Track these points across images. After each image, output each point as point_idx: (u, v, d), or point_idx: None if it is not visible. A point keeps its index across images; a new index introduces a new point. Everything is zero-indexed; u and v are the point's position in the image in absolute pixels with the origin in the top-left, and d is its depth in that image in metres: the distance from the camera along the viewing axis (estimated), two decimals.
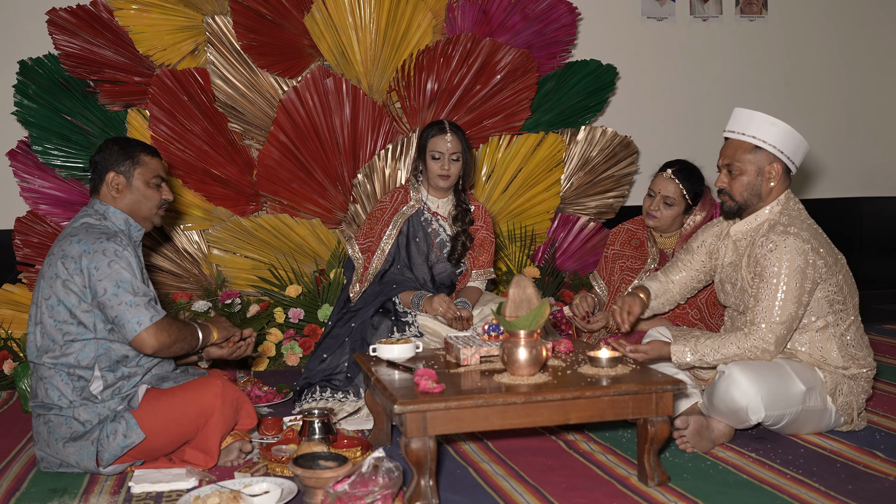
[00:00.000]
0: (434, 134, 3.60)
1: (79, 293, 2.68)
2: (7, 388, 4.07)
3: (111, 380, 2.73)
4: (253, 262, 4.65)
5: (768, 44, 5.75)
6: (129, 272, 2.68)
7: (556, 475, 2.68)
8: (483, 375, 2.66)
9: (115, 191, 2.84)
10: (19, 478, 2.79)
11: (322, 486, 2.40)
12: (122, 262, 2.68)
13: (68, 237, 2.74)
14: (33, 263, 4.41)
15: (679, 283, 3.26)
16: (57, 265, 2.70)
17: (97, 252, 2.67)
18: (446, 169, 3.58)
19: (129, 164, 2.85)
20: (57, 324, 2.70)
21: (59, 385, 2.70)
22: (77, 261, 2.67)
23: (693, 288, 3.27)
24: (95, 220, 2.82)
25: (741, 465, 2.74)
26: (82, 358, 2.70)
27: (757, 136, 2.91)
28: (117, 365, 2.74)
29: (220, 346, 3.04)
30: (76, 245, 2.69)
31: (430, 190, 3.70)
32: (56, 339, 2.71)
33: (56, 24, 4.32)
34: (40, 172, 4.43)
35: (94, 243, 2.69)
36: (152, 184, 2.88)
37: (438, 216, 3.70)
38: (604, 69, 5.01)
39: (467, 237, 3.66)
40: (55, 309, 2.70)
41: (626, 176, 5.12)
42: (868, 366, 2.97)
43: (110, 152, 2.86)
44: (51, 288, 2.71)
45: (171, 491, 2.61)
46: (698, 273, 3.23)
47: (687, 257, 3.25)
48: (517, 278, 2.65)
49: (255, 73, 4.51)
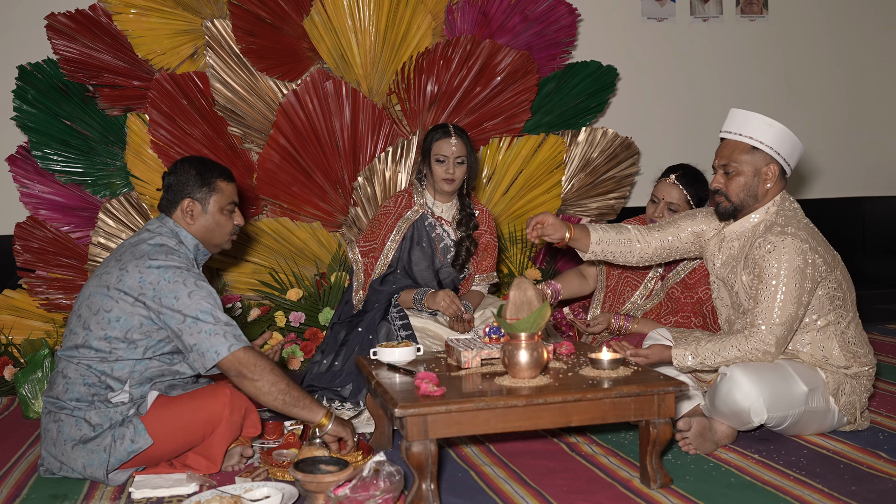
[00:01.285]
0: (438, 137, 3.58)
1: (144, 317, 2.64)
2: (8, 394, 4.06)
3: (136, 396, 2.71)
4: (253, 266, 4.64)
5: (769, 44, 5.74)
6: (209, 302, 2.63)
7: (557, 478, 2.67)
8: (484, 378, 2.65)
9: (190, 217, 2.81)
10: (20, 484, 2.79)
11: (323, 490, 2.39)
12: (202, 292, 2.64)
13: (146, 258, 2.67)
14: (33, 269, 4.40)
15: (643, 242, 3.13)
16: (129, 283, 2.64)
17: (178, 282, 2.63)
18: (451, 172, 3.56)
19: (206, 191, 2.81)
20: (107, 338, 2.66)
21: (79, 386, 2.67)
22: (155, 286, 2.62)
23: (663, 256, 3.16)
24: (173, 243, 2.77)
25: (744, 467, 2.73)
26: (117, 368, 2.67)
27: (754, 136, 2.90)
28: (147, 382, 2.71)
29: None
30: (156, 271, 2.64)
31: (434, 194, 3.67)
32: (101, 348, 2.67)
33: (55, 29, 4.32)
34: (40, 177, 4.43)
35: (175, 272, 2.64)
36: (226, 211, 2.85)
37: (443, 221, 3.67)
38: (604, 70, 5.01)
39: (472, 242, 3.63)
40: (112, 324, 2.65)
41: (628, 177, 5.11)
42: (870, 363, 2.96)
43: (187, 176, 2.81)
44: (114, 302, 2.65)
45: (171, 496, 2.60)
46: (676, 244, 3.13)
47: (672, 227, 3.16)
48: (518, 280, 2.65)
49: (255, 77, 4.51)
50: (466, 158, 3.58)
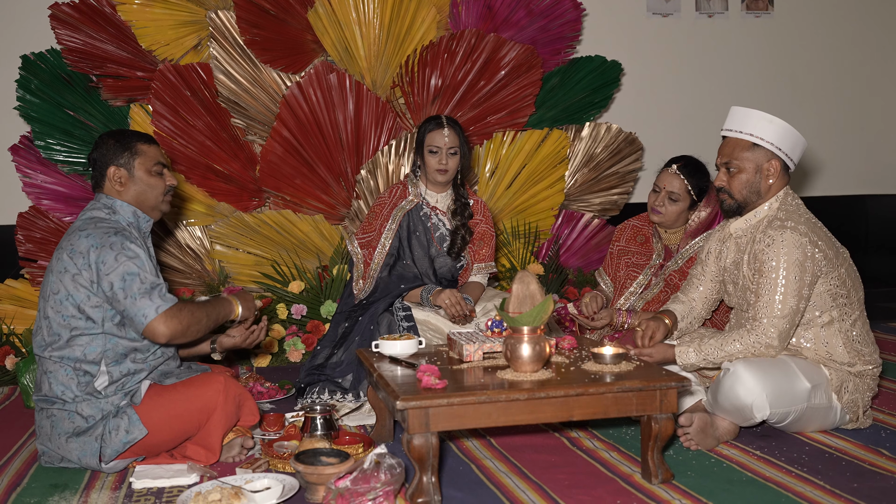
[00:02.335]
0: (431, 129, 3.61)
1: (88, 288, 2.67)
2: (9, 384, 4.06)
3: (116, 375, 2.71)
4: (256, 258, 4.64)
5: (774, 40, 5.72)
6: (137, 264, 2.65)
7: (559, 472, 2.67)
8: (486, 372, 2.65)
9: (119, 184, 2.83)
10: (20, 473, 2.78)
11: (324, 482, 2.39)
12: (129, 254, 2.65)
13: (77, 231, 2.72)
14: (35, 259, 4.40)
15: (700, 299, 3.20)
16: (65, 259, 2.69)
17: (105, 246, 2.65)
18: (444, 163, 3.58)
19: (129, 156, 2.83)
20: (64, 318, 2.69)
21: (63, 379, 2.69)
22: (85, 255, 2.65)
23: (714, 300, 3.21)
24: (104, 213, 2.80)
25: (746, 463, 2.72)
26: (89, 352, 2.69)
27: (754, 133, 2.90)
28: (123, 359, 2.72)
29: (232, 335, 3.03)
30: (84, 240, 2.68)
31: (428, 185, 3.70)
32: (62, 333, 2.69)
33: (58, 19, 4.31)
34: (42, 168, 4.43)
35: (102, 237, 2.67)
36: (154, 171, 2.87)
37: (437, 210, 3.70)
38: (609, 65, 5.00)
39: (467, 231, 3.66)
40: (63, 303, 2.69)
41: (631, 172, 5.10)
42: (874, 362, 2.95)
43: (107, 147, 2.84)
44: (59, 282, 2.69)
45: (172, 487, 2.60)
46: (714, 283, 3.18)
47: (699, 270, 3.20)
48: (520, 274, 2.64)
49: (259, 69, 4.50)
50: (459, 149, 3.61)
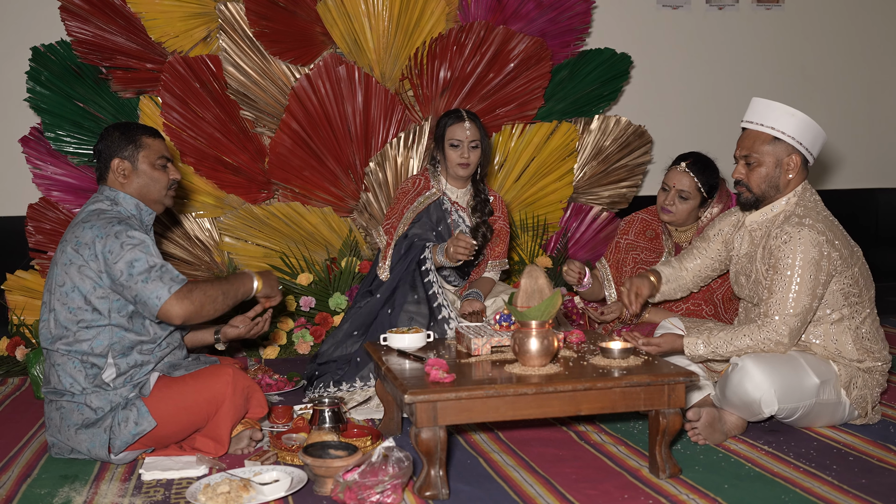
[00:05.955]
0: (452, 122, 3.59)
1: (94, 279, 2.68)
2: (19, 374, 4.08)
3: (124, 367, 2.73)
4: (264, 250, 4.65)
5: (785, 33, 5.69)
6: (142, 250, 2.66)
7: (566, 466, 2.67)
8: (494, 366, 2.65)
9: (122, 176, 2.84)
10: (31, 464, 2.80)
11: (332, 475, 2.40)
12: (133, 241, 2.66)
13: (80, 224, 2.73)
14: (45, 250, 4.42)
15: (693, 271, 3.22)
16: (70, 252, 2.70)
17: (110, 235, 2.66)
18: (466, 157, 3.56)
19: (133, 149, 2.84)
20: (71, 310, 2.70)
21: (71, 372, 2.71)
22: (91, 246, 2.66)
23: (707, 276, 3.24)
24: (107, 205, 2.81)
25: (753, 458, 2.72)
26: (96, 345, 2.70)
27: (776, 127, 2.87)
28: (130, 351, 2.74)
29: (236, 325, 3.05)
30: (89, 231, 2.69)
31: (448, 179, 3.68)
32: (70, 325, 2.71)
33: (68, 11, 4.31)
34: (52, 159, 4.44)
35: (106, 227, 2.68)
36: (158, 165, 2.87)
37: (458, 206, 3.68)
38: (618, 58, 4.98)
39: (488, 228, 3.64)
40: (69, 295, 2.70)
41: (640, 166, 5.09)
42: (883, 359, 2.94)
43: (112, 139, 2.85)
44: (65, 274, 2.70)
45: (181, 478, 2.61)
46: (713, 262, 3.19)
47: (703, 245, 3.21)
48: (529, 268, 2.64)
49: (268, 61, 4.50)
50: (480, 143, 3.59)
